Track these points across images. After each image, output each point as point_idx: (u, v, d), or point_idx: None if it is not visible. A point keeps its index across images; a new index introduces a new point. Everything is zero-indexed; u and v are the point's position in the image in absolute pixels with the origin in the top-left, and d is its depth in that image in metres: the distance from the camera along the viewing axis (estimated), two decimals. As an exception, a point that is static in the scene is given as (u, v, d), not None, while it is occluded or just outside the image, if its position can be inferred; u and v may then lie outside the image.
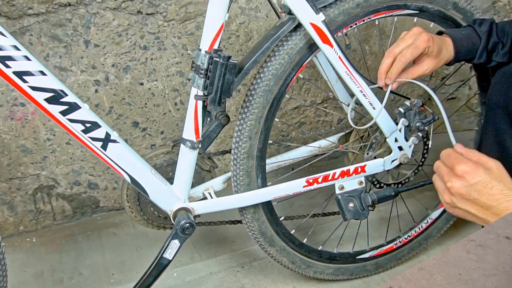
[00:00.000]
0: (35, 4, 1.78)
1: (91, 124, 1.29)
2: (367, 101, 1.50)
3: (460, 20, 1.59)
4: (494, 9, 2.54)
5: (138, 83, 2.02)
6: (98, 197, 2.17)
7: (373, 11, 1.48)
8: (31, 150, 1.97)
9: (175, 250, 1.46)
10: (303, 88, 2.33)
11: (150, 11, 1.92)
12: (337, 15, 1.43)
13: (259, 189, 1.53)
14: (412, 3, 1.51)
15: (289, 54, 1.42)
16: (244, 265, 1.93)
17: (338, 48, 1.41)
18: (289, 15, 1.40)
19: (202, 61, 1.32)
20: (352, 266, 1.81)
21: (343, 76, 1.46)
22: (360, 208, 1.53)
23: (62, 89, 1.23)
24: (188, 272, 1.90)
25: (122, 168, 1.36)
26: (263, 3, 2.07)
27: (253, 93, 1.44)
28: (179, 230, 1.43)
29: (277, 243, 1.64)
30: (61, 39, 1.86)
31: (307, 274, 1.74)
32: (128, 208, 1.54)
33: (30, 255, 1.99)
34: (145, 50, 1.98)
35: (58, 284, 1.86)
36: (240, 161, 1.49)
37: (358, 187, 1.56)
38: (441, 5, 1.55)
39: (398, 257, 1.87)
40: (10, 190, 2.01)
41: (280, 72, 1.43)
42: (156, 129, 2.13)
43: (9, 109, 1.88)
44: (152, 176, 1.42)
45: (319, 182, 1.55)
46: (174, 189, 1.48)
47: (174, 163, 1.49)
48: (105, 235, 2.11)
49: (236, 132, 1.48)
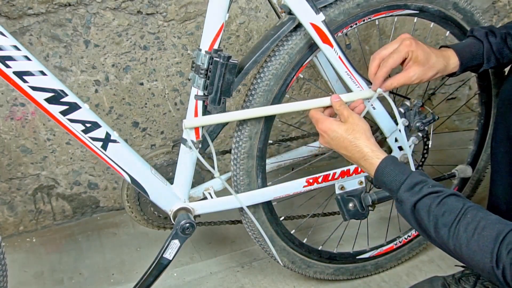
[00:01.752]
0: (35, 4, 1.78)
1: (91, 124, 1.29)
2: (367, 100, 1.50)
3: (460, 20, 1.59)
4: (494, 9, 2.54)
5: (138, 83, 2.02)
6: (98, 197, 2.17)
7: (373, 11, 1.48)
8: (31, 150, 1.97)
9: (175, 250, 1.46)
10: (303, 88, 2.33)
11: (150, 11, 1.92)
12: (337, 15, 1.43)
13: (259, 189, 1.53)
14: (412, 3, 1.51)
15: (289, 54, 1.42)
16: (244, 265, 1.93)
17: (338, 48, 1.41)
18: (289, 15, 1.40)
19: (202, 61, 1.32)
20: (352, 266, 1.80)
21: (343, 76, 1.46)
22: (360, 208, 1.53)
23: (62, 89, 1.24)
24: (188, 272, 1.90)
25: (122, 168, 1.36)
26: (263, 3, 2.07)
27: (253, 92, 1.44)
28: (179, 230, 1.43)
29: (277, 243, 1.64)
30: (61, 39, 1.86)
31: (307, 274, 1.74)
32: (128, 208, 1.54)
33: (30, 255, 1.99)
34: (145, 50, 1.98)
35: (58, 284, 1.86)
36: (240, 161, 1.49)
37: (358, 187, 1.56)
38: (441, 5, 1.55)
39: (398, 257, 1.87)
40: (10, 190, 2.01)
41: (280, 72, 1.43)
42: (156, 129, 2.13)
43: (9, 109, 1.88)
44: (152, 176, 1.42)
45: (319, 182, 1.55)
46: (174, 189, 1.48)
47: (174, 163, 1.49)
48: (105, 235, 2.11)
49: (236, 132, 1.48)
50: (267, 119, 1.47)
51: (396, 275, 1.86)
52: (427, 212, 1.12)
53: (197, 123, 1.39)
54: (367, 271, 1.84)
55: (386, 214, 1.94)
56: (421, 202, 1.14)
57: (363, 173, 1.57)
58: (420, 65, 1.36)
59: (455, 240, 1.07)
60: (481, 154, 1.85)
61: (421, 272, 1.86)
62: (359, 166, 1.32)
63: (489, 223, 1.05)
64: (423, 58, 1.36)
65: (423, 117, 1.54)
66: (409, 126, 1.54)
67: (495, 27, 1.47)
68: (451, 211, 1.09)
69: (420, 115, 1.54)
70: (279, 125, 2.35)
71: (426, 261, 1.91)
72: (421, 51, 1.36)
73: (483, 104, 1.80)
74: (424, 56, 1.36)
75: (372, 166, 1.24)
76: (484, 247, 1.02)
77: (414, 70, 1.37)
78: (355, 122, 1.31)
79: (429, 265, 1.88)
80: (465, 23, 1.60)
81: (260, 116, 1.44)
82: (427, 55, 1.37)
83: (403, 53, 1.36)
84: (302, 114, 2.38)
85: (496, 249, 1.00)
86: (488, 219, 1.06)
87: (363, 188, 1.58)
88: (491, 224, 1.05)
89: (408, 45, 1.36)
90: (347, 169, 1.57)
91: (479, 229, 1.04)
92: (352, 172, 1.57)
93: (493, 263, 1.00)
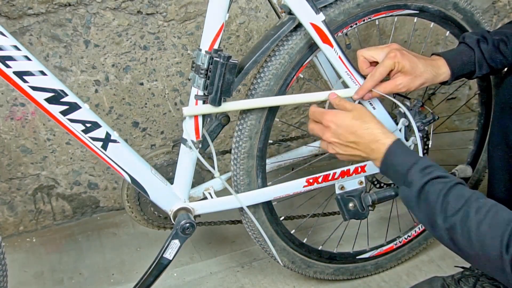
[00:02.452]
0: (35, 4, 1.78)
1: (91, 124, 1.29)
2: (367, 101, 1.50)
3: (460, 20, 1.59)
4: (494, 9, 2.54)
5: (138, 83, 2.02)
6: (98, 197, 2.17)
7: (374, 11, 1.48)
8: (31, 150, 1.97)
9: (175, 250, 1.46)
10: (303, 88, 2.33)
11: (150, 11, 1.92)
12: (337, 15, 1.43)
13: (259, 189, 1.53)
14: (413, 3, 1.51)
15: (290, 54, 1.42)
16: (244, 265, 1.93)
17: (338, 48, 1.41)
18: (289, 15, 1.40)
19: (202, 61, 1.32)
20: (352, 266, 1.80)
21: (343, 76, 1.46)
22: (360, 208, 1.53)
23: (62, 89, 1.23)
24: (188, 272, 1.90)
25: (123, 168, 1.36)
26: (263, 3, 2.07)
27: (253, 92, 1.44)
28: (179, 230, 1.43)
29: (277, 243, 1.64)
30: (61, 39, 1.86)
31: (307, 274, 1.74)
32: (128, 208, 1.54)
33: (30, 255, 1.99)
34: (145, 50, 1.98)
35: (58, 284, 1.86)
36: (240, 160, 1.49)
37: (358, 187, 1.56)
38: (441, 5, 1.55)
39: (398, 257, 1.87)
40: (10, 190, 2.01)
41: (281, 72, 1.43)
42: (156, 129, 2.13)
43: (9, 109, 1.88)
44: (153, 176, 1.42)
45: (319, 182, 1.55)
46: (174, 189, 1.48)
47: (174, 163, 1.49)
48: (105, 235, 2.11)
49: (236, 131, 1.48)
50: (267, 118, 1.47)
51: (396, 275, 1.86)
52: (437, 194, 1.11)
53: (197, 111, 1.39)
54: (367, 271, 1.84)
55: (386, 214, 1.95)
56: (431, 183, 1.13)
57: (363, 173, 1.57)
58: (406, 75, 1.37)
59: (464, 224, 1.05)
60: (481, 155, 1.85)
61: (421, 272, 1.86)
62: (365, 153, 1.29)
63: (501, 208, 1.05)
64: (409, 68, 1.37)
65: (423, 117, 1.55)
66: (409, 126, 1.54)
67: (488, 33, 1.47)
68: (462, 195, 1.09)
69: (420, 115, 1.54)
70: (279, 125, 2.35)
71: (426, 261, 1.91)
72: (407, 61, 1.37)
73: (483, 104, 1.80)
74: (410, 65, 1.37)
75: (384, 146, 1.23)
76: (495, 229, 1.01)
77: (400, 79, 1.38)
78: (361, 108, 1.31)
79: (429, 265, 1.89)
80: (465, 23, 1.60)
81: (260, 107, 1.44)
82: (413, 64, 1.37)
83: (388, 67, 1.37)
84: (302, 114, 2.38)
85: (508, 232, 0.99)
86: (500, 206, 1.06)
87: (363, 188, 1.58)
88: (503, 209, 1.04)
89: (392, 57, 1.36)
90: (347, 169, 1.57)
91: (491, 212, 1.04)
92: (352, 172, 1.57)
93: (503, 248, 0.98)
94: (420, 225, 1.85)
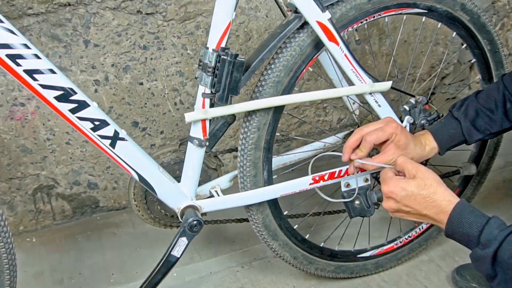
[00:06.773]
0: (35, 4, 1.78)
1: (100, 122, 1.29)
2: (372, 98, 1.51)
3: (467, 21, 1.60)
4: (494, 9, 2.57)
5: (138, 83, 2.02)
6: (97, 197, 2.17)
7: (384, 8, 1.48)
8: (31, 150, 1.97)
9: (183, 247, 1.47)
10: (303, 88, 2.34)
11: (150, 10, 1.92)
12: (348, 10, 1.43)
13: (265, 186, 1.53)
14: (422, 2, 1.51)
15: (298, 50, 1.42)
16: (244, 265, 1.93)
17: (344, 46, 1.42)
18: (295, 14, 1.41)
19: (210, 59, 1.32)
20: (353, 264, 1.82)
21: (348, 73, 1.47)
22: (366, 205, 1.54)
23: (72, 87, 1.24)
24: (188, 272, 1.90)
25: (131, 166, 1.37)
26: (263, 2, 2.08)
27: (263, 83, 1.44)
28: (187, 228, 1.44)
29: (280, 237, 1.64)
30: (60, 39, 1.86)
31: (309, 271, 1.75)
32: (135, 207, 1.53)
33: (30, 255, 1.99)
34: (144, 50, 1.98)
35: (58, 284, 1.86)
36: (247, 151, 1.48)
37: (364, 185, 1.57)
38: (449, 5, 1.55)
39: (398, 257, 1.88)
40: (10, 190, 2.01)
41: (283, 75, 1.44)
42: (156, 129, 2.13)
43: (9, 109, 1.88)
44: (160, 174, 1.42)
45: (325, 179, 1.56)
46: (182, 187, 1.48)
47: (181, 161, 1.49)
48: (105, 235, 2.11)
49: (244, 122, 1.48)
50: (276, 110, 1.47)
51: (396, 275, 1.87)
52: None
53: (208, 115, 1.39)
54: (368, 270, 1.85)
55: (387, 214, 1.94)
56: None
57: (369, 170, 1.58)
58: (399, 149, 1.37)
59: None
60: (482, 157, 1.86)
61: (421, 272, 1.87)
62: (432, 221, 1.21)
63: None
64: (403, 143, 1.37)
65: (428, 114, 1.55)
66: (414, 123, 1.55)
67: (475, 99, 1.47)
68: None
69: (425, 113, 1.55)
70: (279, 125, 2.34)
71: (426, 261, 1.92)
72: (404, 136, 1.37)
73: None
74: (405, 141, 1.37)
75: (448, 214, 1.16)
76: None
77: (393, 152, 1.37)
78: (425, 175, 1.20)
79: (429, 265, 1.90)
80: (472, 25, 1.61)
81: (270, 107, 1.45)
82: (408, 141, 1.38)
83: (388, 134, 1.36)
84: (302, 114, 2.39)
85: None
86: None
87: (369, 186, 1.58)
88: None
89: (394, 127, 1.36)
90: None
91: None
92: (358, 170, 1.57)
93: None
94: (420, 226, 1.86)
